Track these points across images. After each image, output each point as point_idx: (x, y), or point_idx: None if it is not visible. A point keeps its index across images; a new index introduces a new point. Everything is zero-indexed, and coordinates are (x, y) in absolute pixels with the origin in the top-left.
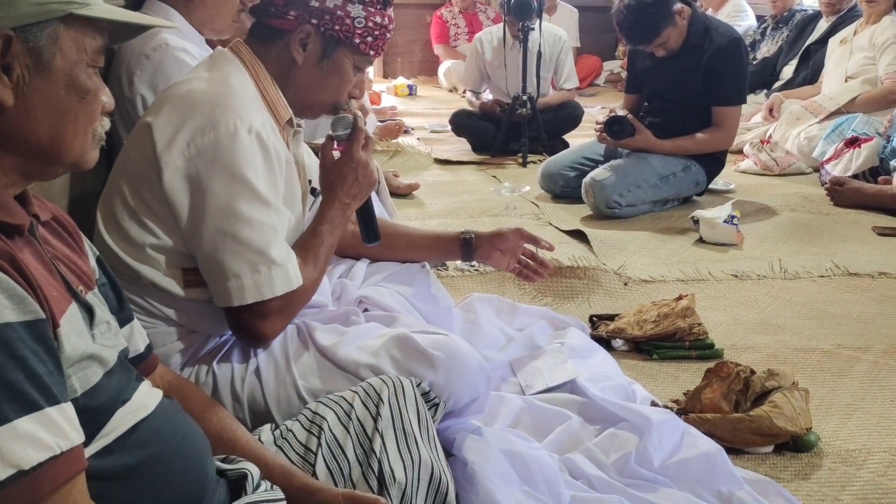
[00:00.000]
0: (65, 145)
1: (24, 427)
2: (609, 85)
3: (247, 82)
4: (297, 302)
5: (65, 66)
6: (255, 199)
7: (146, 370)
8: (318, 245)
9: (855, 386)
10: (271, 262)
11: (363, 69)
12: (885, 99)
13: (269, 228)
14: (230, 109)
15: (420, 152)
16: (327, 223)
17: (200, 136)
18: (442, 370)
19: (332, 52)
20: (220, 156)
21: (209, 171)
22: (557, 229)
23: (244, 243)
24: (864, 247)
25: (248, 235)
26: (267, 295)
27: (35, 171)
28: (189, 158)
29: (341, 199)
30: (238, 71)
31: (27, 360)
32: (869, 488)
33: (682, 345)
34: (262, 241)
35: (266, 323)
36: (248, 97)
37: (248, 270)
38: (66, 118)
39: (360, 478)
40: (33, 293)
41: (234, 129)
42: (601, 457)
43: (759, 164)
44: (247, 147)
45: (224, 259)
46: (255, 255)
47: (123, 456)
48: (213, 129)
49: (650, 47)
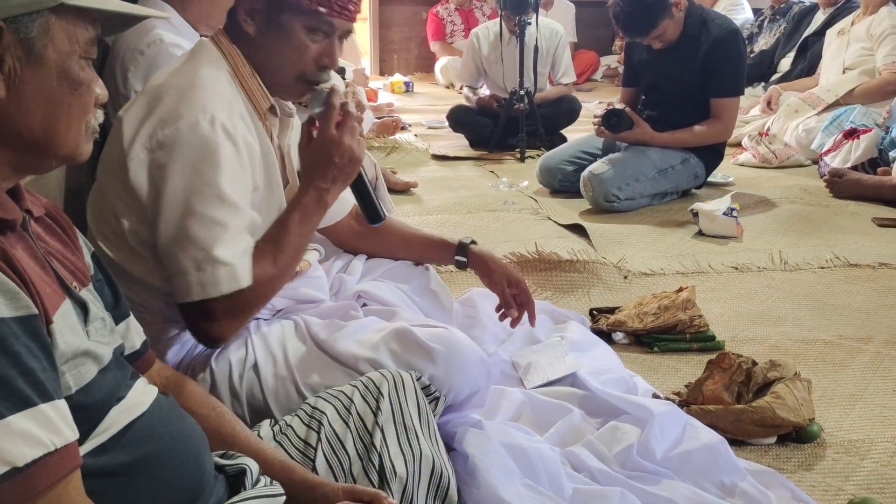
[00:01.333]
0: (58, 137)
1: (17, 424)
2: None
3: (220, 73)
4: (248, 301)
5: (57, 57)
6: (208, 194)
7: (143, 367)
8: (283, 237)
9: (857, 376)
10: (215, 261)
11: (326, 32)
12: (883, 90)
13: (218, 226)
14: (193, 102)
15: (417, 148)
16: (298, 211)
17: (162, 129)
18: (441, 363)
19: (277, 17)
20: (180, 149)
21: (169, 165)
22: (556, 223)
23: (192, 240)
24: (864, 238)
25: (197, 232)
26: (212, 293)
27: (28, 165)
28: (151, 151)
29: (317, 185)
30: (213, 62)
31: (20, 356)
32: (873, 478)
33: (683, 337)
34: (209, 238)
35: (214, 323)
36: (216, 89)
37: (193, 268)
38: (59, 110)
39: (361, 472)
40: (26, 289)
41: (196, 122)
42: (603, 449)
43: (758, 156)
44: (207, 140)
45: (175, 254)
46: (200, 252)
47: (119, 454)
48: (175, 122)
49: (647, 39)
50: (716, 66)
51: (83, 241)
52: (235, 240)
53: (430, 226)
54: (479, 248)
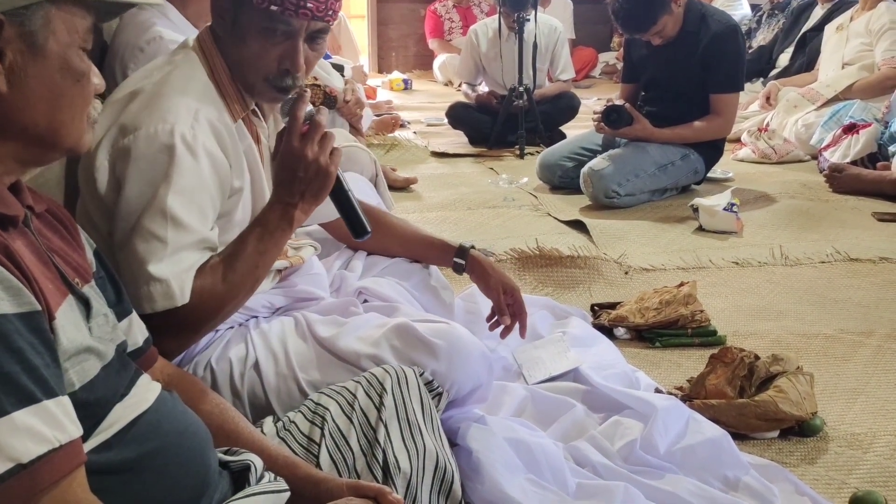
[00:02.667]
0: (62, 130)
1: (21, 420)
2: (605, 76)
3: (193, 76)
4: (189, 319)
5: (58, 49)
6: (152, 208)
7: (145, 364)
8: (238, 253)
9: (859, 370)
10: (150, 278)
11: (286, 33)
12: (882, 85)
13: (158, 241)
14: (155, 111)
15: (417, 146)
16: (259, 227)
17: (122, 137)
18: (443, 358)
19: (237, 16)
20: (136, 160)
21: (125, 175)
22: (556, 220)
23: (132, 254)
24: (865, 232)
25: (138, 247)
26: (146, 309)
27: (32, 158)
28: (112, 159)
29: (282, 199)
30: (189, 65)
31: (24, 353)
32: (876, 471)
33: (685, 332)
34: (147, 254)
35: (160, 337)
36: (183, 96)
37: (131, 282)
38: (62, 102)
39: (365, 468)
40: (28, 285)
41: (154, 133)
42: (606, 444)
43: (757, 152)
44: (161, 152)
45: (121, 267)
46: (137, 267)
47: (123, 450)
48: (134, 131)
49: (646, 36)
50: (715, 61)
51: (85, 238)
52: (175, 256)
53: (430, 222)
54: (478, 254)
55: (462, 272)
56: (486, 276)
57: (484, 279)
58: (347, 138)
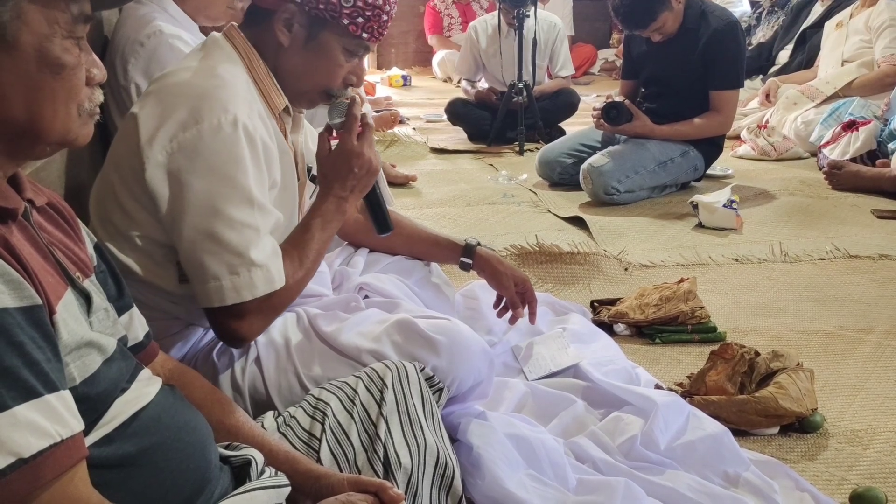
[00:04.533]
0: (44, 124)
1: (23, 414)
2: (604, 73)
3: (237, 71)
4: (279, 302)
5: (34, 41)
6: (236, 197)
7: (146, 359)
8: (307, 241)
9: (859, 367)
10: (251, 264)
11: (358, 54)
12: (882, 82)
13: (249, 229)
14: (214, 102)
15: (416, 142)
16: (319, 217)
17: (182, 131)
18: (444, 354)
19: (317, 34)
20: (202, 152)
21: (190, 168)
22: (556, 216)
23: (223, 244)
24: (864, 230)
25: (228, 236)
26: (246, 297)
27: (21, 152)
28: (171, 154)
29: (336, 193)
30: (229, 59)
31: (25, 347)
32: (876, 468)
33: (685, 328)
34: (242, 242)
35: (244, 323)
36: (235, 88)
37: (226, 272)
38: (40, 96)
39: (366, 463)
40: (28, 278)
41: (218, 124)
42: (606, 440)
43: (757, 149)
44: (231, 142)
45: (203, 259)
46: (234, 256)
47: (124, 444)
48: (196, 124)
49: (646, 32)
50: (715, 58)
51: (86, 232)
52: (265, 241)
53: (430, 219)
54: (484, 251)
55: (469, 270)
56: (497, 273)
57: (496, 276)
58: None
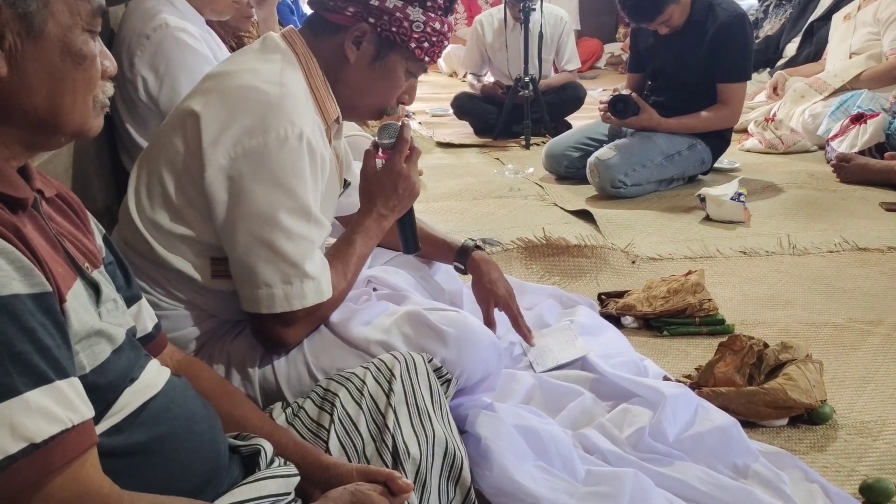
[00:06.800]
0: (64, 114)
1: (35, 399)
2: (610, 67)
3: (298, 78)
4: (323, 312)
5: (58, 31)
6: (296, 210)
7: (155, 350)
8: (351, 255)
9: (868, 359)
10: (305, 276)
11: (416, 75)
12: (891, 74)
13: (305, 241)
14: (282, 113)
15: (422, 136)
16: (362, 233)
17: (249, 138)
18: (453, 346)
19: (385, 55)
20: (267, 161)
21: (253, 175)
22: (563, 210)
23: (280, 254)
24: (873, 222)
25: (285, 247)
26: (296, 306)
27: (37, 142)
28: (234, 158)
29: (379, 211)
30: (291, 66)
31: (36, 333)
32: (885, 459)
33: (693, 321)
34: (299, 253)
35: (289, 330)
36: (300, 98)
37: (279, 281)
38: (63, 86)
39: (374, 453)
40: (39, 267)
41: (285, 136)
42: (615, 432)
43: (764, 142)
44: (295, 155)
45: (257, 266)
46: (289, 267)
47: (134, 434)
48: (263, 132)
49: (653, 25)
50: (722, 51)
51: (94, 224)
52: (317, 254)
53: (436, 213)
54: (480, 257)
55: (465, 273)
56: (477, 284)
57: (476, 286)
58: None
